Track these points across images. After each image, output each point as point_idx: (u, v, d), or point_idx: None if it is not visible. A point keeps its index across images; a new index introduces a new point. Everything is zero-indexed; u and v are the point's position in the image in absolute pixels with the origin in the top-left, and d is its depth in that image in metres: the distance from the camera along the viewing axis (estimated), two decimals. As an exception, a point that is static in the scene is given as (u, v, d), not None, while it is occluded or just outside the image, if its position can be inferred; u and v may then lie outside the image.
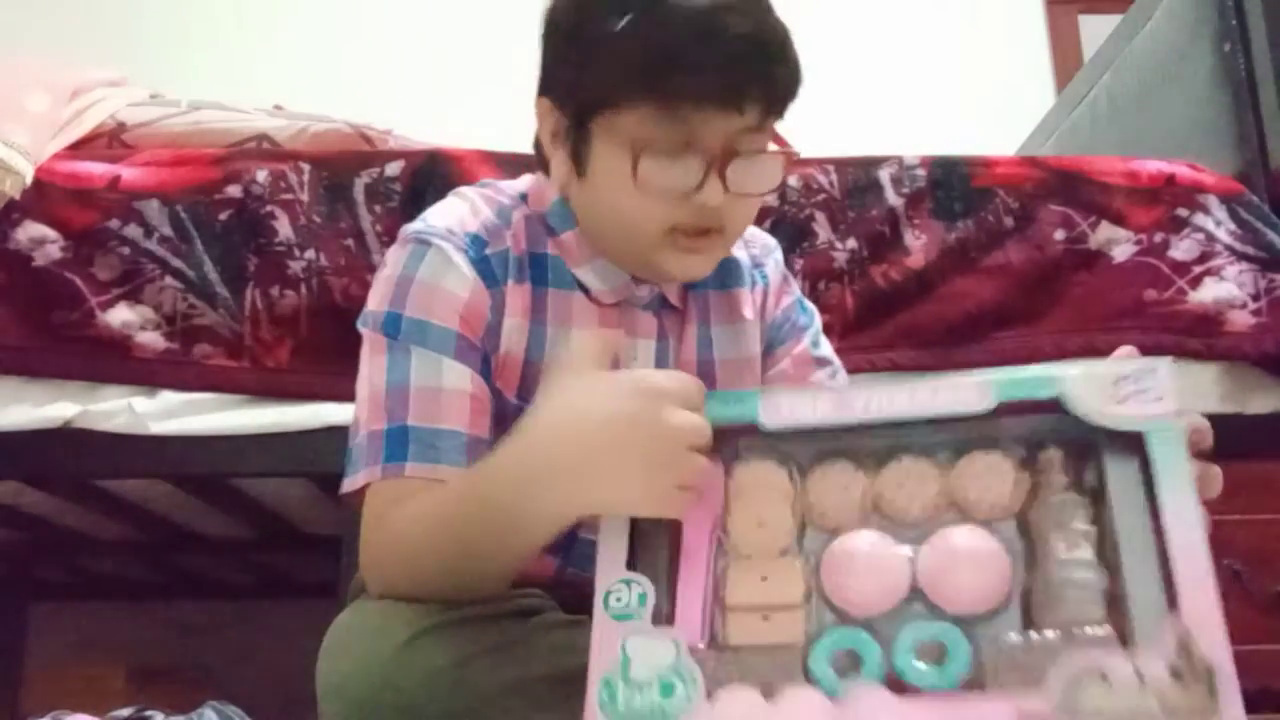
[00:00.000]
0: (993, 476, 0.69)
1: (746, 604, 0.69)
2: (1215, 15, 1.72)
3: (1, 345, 1.40)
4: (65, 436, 1.41)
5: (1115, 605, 0.62)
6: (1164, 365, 0.67)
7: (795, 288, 1.13)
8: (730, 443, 0.73)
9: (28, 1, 3.24)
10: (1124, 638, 0.61)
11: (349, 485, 0.90)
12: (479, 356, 0.92)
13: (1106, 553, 0.64)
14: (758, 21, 0.86)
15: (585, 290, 0.97)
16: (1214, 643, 0.58)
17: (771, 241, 1.13)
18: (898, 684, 0.63)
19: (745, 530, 0.71)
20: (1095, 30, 2.96)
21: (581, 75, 0.89)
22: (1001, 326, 1.51)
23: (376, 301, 0.93)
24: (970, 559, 0.66)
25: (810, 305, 1.14)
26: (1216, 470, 0.70)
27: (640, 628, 0.68)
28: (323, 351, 1.42)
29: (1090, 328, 1.51)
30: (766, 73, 0.86)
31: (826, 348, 1.11)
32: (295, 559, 2.35)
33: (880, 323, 1.51)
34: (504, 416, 0.92)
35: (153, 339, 1.42)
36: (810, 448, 0.73)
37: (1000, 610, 0.64)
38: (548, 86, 0.94)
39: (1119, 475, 0.66)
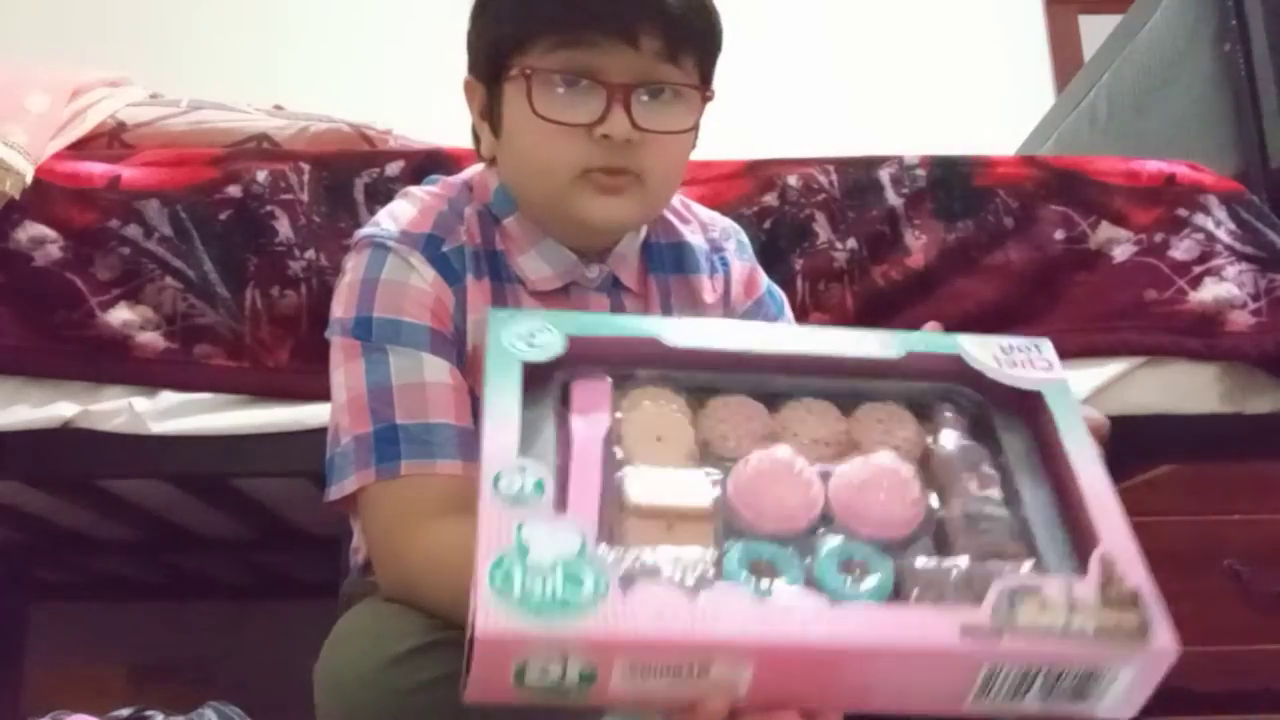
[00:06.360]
0: (894, 422, 0.71)
1: (650, 507, 0.63)
2: (1215, 15, 1.72)
3: (1, 345, 1.40)
4: (65, 436, 1.41)
5: (1022, 539, 0.65)
6: (1046, 343, 0.74)
7: (763, 276, 1.13)
8: (628, 373, 0.71)
9: (28, 1, 3.23)
10: (1039, 568, 0.63)
11: (337, 492, 0.89)
12: (453, 350, 0.92)
13: (1009, 496, 0.68)
14: None
15: (523, 284, 0.97)
16: (1132, 568, 0.61)
17: (731, 225, 1.12)
18: (819, 595, 0.60)
19: (642, 444, 0.67)
20: (1095, 30, 2.96)
21: (492, 32, 0.93)
22: (1001, 326, 1.50)
23: (343, 308, 0.93)
24: (888, 476, 0.66)
25: (779, 293, 1.14)
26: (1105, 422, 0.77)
27: (539, 513, 0.60)
28: (323, 351, 1.40)
29: (1090, 328, 1.50)
30: (660, 5, 0.88)
31: None
32: (295, 559, 2.35)
33: (880, 323, 1.50)
34: (476, 412, 0.91)
35: (153, 339, 1.42)
36: (709, 381, 0.72)
37: (913, 540, 0.65)
38: (471, 64, 0.98)
39: (1009, 433, 0.71)
